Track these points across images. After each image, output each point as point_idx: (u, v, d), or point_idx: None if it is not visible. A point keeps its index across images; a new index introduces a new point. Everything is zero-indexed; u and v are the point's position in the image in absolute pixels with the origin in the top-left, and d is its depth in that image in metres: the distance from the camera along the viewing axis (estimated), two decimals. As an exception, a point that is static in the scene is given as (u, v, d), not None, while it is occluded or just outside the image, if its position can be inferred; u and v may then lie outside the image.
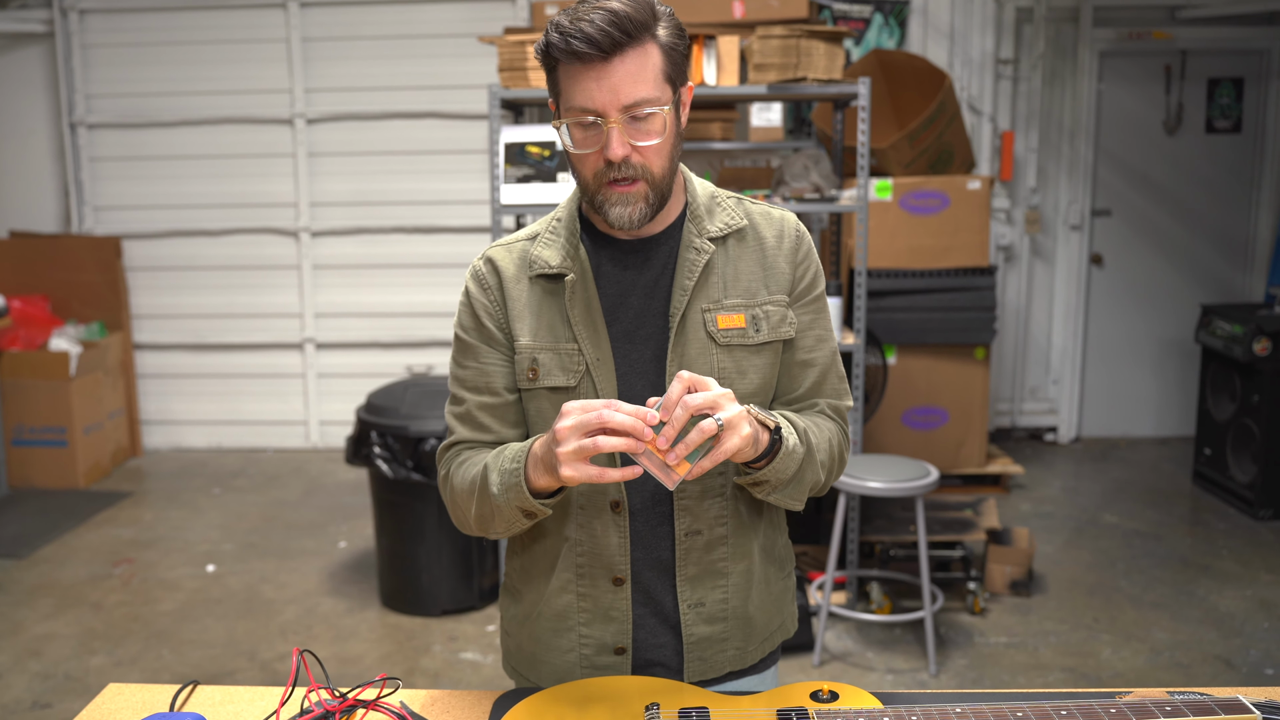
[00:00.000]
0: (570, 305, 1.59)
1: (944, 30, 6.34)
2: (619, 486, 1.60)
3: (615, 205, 1.53)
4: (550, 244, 1.63)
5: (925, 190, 5.20)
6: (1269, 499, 5.32)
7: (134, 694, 1.67)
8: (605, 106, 1.47)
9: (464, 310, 1.66)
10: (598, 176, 1.52)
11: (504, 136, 4.14)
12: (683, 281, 1.60)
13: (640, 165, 1.50)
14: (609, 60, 1.46)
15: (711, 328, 1.60)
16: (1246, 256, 6.69)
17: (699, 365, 1.59)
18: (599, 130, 1.49)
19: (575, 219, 1.64)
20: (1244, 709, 1.39)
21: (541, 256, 1.62)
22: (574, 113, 1.49)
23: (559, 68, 1.50)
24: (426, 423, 4.22)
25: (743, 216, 1.66)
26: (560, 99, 1.52)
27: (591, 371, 1.58)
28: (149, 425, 6.79)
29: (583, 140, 1.51)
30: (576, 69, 1.47)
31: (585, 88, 1.47)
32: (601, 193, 1.53)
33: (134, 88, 6.53)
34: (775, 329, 1.63)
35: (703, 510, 1.62)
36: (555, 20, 1.48)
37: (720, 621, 1.66)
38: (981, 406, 5.43)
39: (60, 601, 4.52)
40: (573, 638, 1.66)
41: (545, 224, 1.67)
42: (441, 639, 4.19)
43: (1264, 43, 6.46)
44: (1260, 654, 3.99)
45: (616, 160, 1.49)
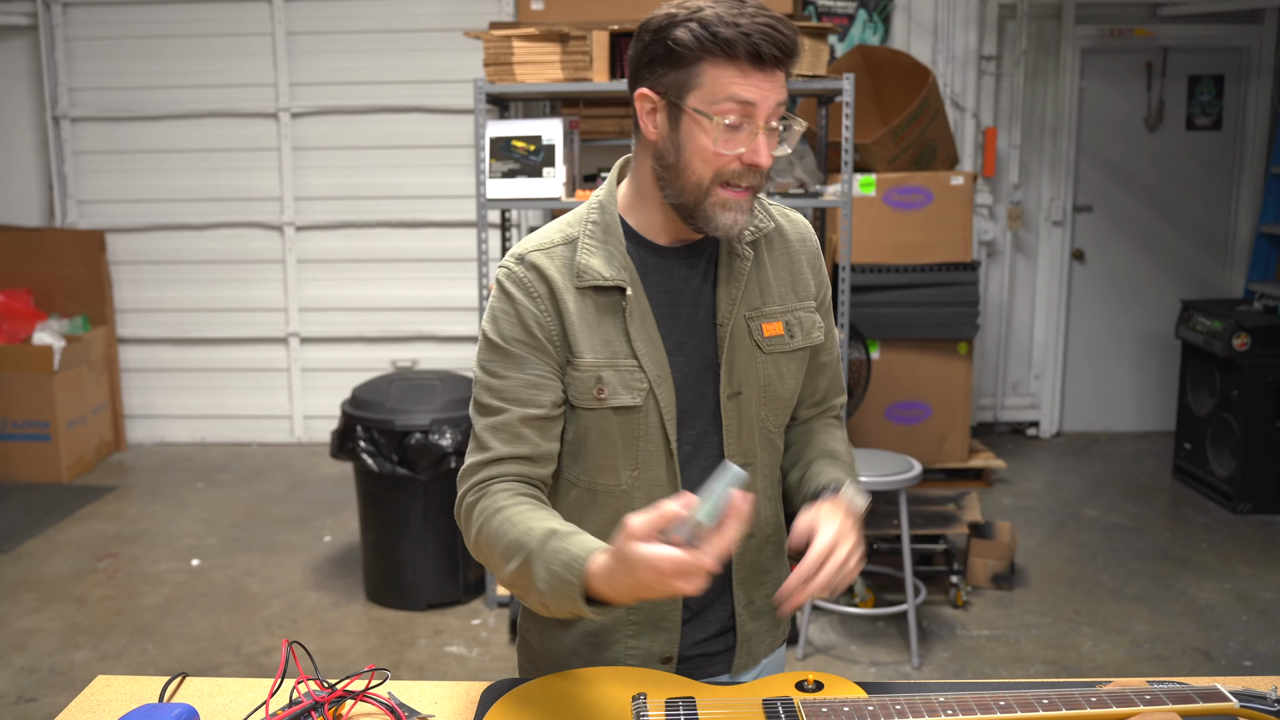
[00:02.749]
0: (629, 321, 1.54)
1: (928, 26, 6.37)
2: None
3: (729, 211, 1.48)
4: (595, 252, 1.55)
5: (909, 186, 5.22)
6: (1248, 493, 5.36)
7: (123, 685, 1.68)
8: (763, 108, 1.44)
9: (507, 318, 1.55)
10: (720, 176, 1.47)
11: (489, 131, 4.15)
12: (730, 290, 1.59)
13: (763, 174, 1.49)
14: (778, 66, 1.44)
15: (758, 335, 1.60)
16: (1226, 252, 6.74)
17: (747, 373, 1.60)
18: (740, 133, 1.44)
19: (618, 224, 1.57)
20: (1222, 697, 1.42)
21: (591, 266, 1.54)
22: (725, 106, 1.43)
23: (705, 62, 1.43)
24: (412, 417, 4.23)
25: (769, 218, 1.66)
26: (696, 92, 1.44)
27: (655, 390, 1.55)
28: (133, 419, 6.77)
29: (727, 140, 1.45)
30: (742, 68, 1.42)
31: (748, 84, 1.43)
32: (713, 195, 1.47)
33: (118, 81, 6.51)
34: (808, 334, 1.66)
35: (756, 514, 1.64)
36: (717, 14, 1.41)
37: (765, 616, 1.71)
38: (964, 401, 5.46)
39: (44, 596, 4.51)
40: (619, 650, 1.64)
41: (579, 227, 1.58)
42: (427, 633, 4.20)
43: (1244, 40, 6.51)
44: (1239, 646, 4.03)
45: (765, 167, 1.46)
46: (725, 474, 1.28)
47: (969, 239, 5.29)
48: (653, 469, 1.57)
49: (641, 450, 1.57)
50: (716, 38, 1.41)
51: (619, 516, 1.54)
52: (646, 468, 1.57)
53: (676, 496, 1.31)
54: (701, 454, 1.60)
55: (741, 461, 1.61)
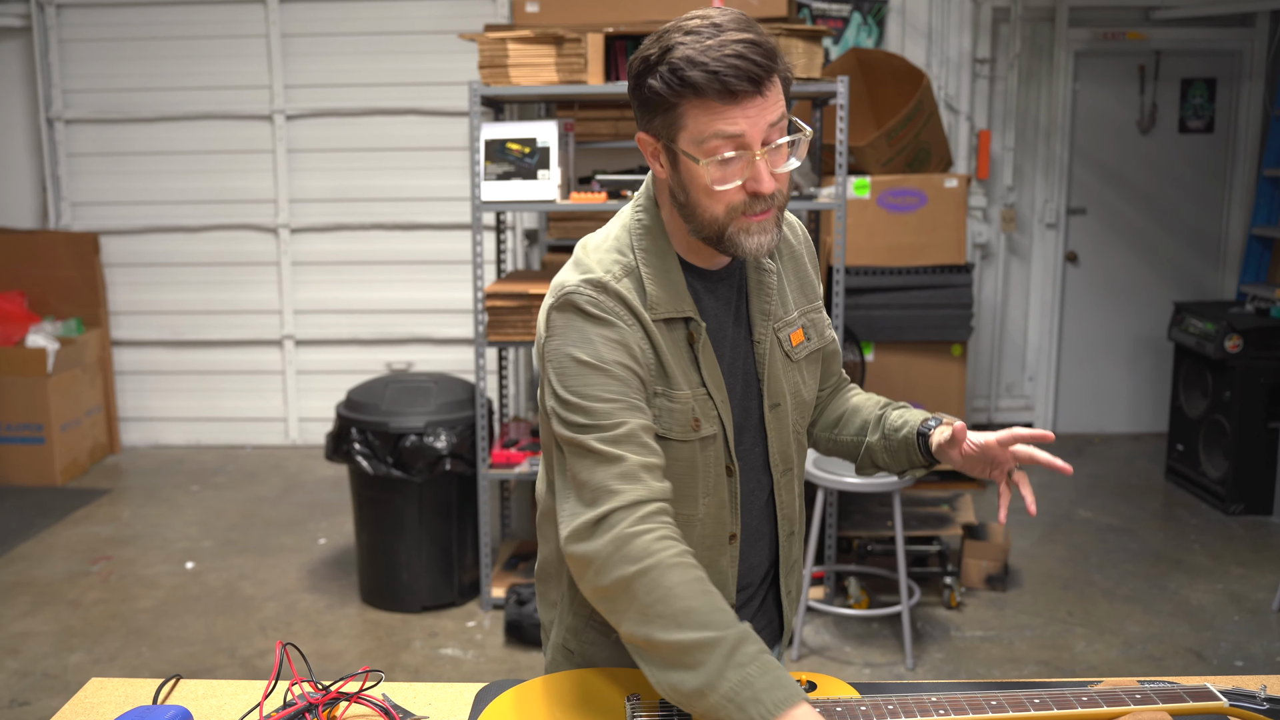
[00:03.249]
0: (701, 352, 1.54)
1: (922, 30, 6.38)
2: (735, 520, 1.62)
3: (753, 235, 1.47)
4: (658, 282, 1.52)
5: (903, 188, 5.23)
6: (1240, 494, 5.38)
7: (116, 688, 1.68)
8: (753, 134, 1.41)
9: (606, 342, 1.47)
10: (732, 210, 1.45)
11: (484, 133, 4.15)
12: (762, 306, 1.60)
13: (778, 192, 1.47)
14: (756, 93, 1.40)
15: (787, 346, 1.63)
16: (1219, 255, 6.76)
17: (782, 384, 1.62)
18: (739, 163, 1.42)
19: (670, 250, 1.55)
20: (1212, 696, 1.43)
21: (663, 299, 1.51)
22: (713, 144, 1.41)
23: (685, 104, 1.41)
24: (407, 419, 4.23)
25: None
26: (684, 133, 1.43)
27: (720, 415, 1.56)
28: (127, 422, 6.76)
29: (722, 176, 1.43)
30: (718, 105, 1.40)
31: (731, 117, 1.40)
32: (734, 224, 1.46)
33: (112, 83, 6.51)
34: (821, 335, 1.71)
35: (794, 513, 1.71)
36: (685, 56, 1.39)
37: (797, 601, 1.78)
38: (958, 403, 5.47)
39: (38, 599, 4.51)
40: None
41: (633, 254, 1.54)
42: (422, 635, 4.20)
43: (1236, 44, 6.53)
44: (1230, 646, 4.04)
45: (768, 193, 1.44)
46: None
47: (963, 241, 5.30)
48: (719, 492, 1.59)
49: (712, 476, 1.58)
50: (685, 82, 1.39)
51: (691, 541, 1.54)
52: (715, 492, 1.59)
53: None
54: (747, 465, 1.63)
55: (784, 468, 1.66)
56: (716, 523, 1.59)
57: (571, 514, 1.45)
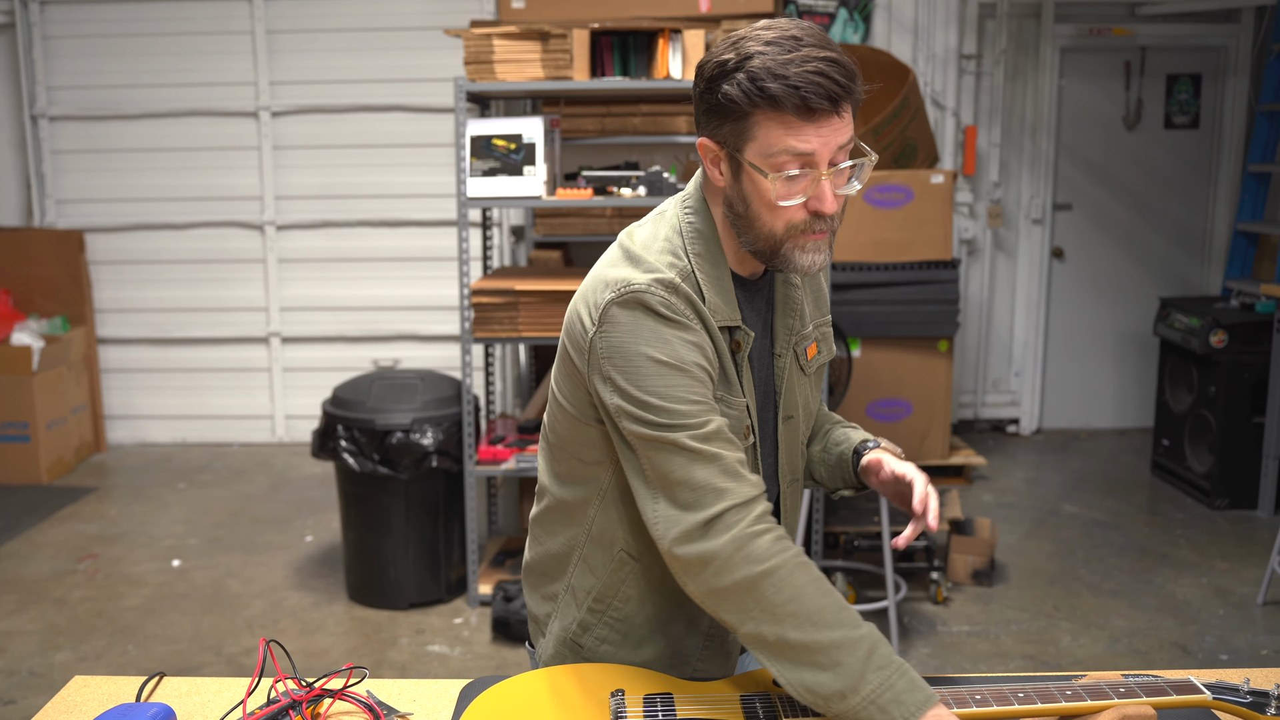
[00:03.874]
0: (744, 362, 1.54)
1: (908, 25, 6.39)
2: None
3: (809, 253, 1.46)
4: (713, 288, 1.51)
5: (889, 184, 5.24)
6: (1225, 489, 5.40)
7: (99, 686, 1.67)
8: (822, 154, 1.40)
9: (682, 343, 1.45)
10: (791, 229, 1.44)
11: (470, 129, 4.14)
12: (787, 320, 1.61)
13: (836, 215, 1.46)
14: (833, 113, 1.39)
15: (803, 360, 1.64)
16: (1204, 250, 6.78)
17: (798, 398, 1.64)
18: (804, 180, 1.41)
19: (722, 258, 1.53)
20: (1195, 689, 1.43)
21: (721, 307, 1.50)
22: (781, 159, 1.40)
23: (758, 114, 1.39)
24: (393, 416, 4.22)
25: None
26: (753, 144, 1.41)
27: (754, 424, 1.57)
28: (113, 420, 6.74)
29: (787, 192, 1.42)
30: (793, 120, 1.38)
31: (804, 135, 1.38)
32: (792, 241, 1.45)
33: (97, 80, 6.48)
34: (830, 348, 1.72)
35: (796, 523, 1.72)
36: (765, 67, 1.37)
37: None
38: (945, 399, 5.48)
39: (24, 597, 4.49)
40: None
41: (684, 259, 1.51)
42: (409, 632, 4.19)
43: (1221, 40, 6.55)
44: (1215, 640, 4.06)
45: (831, 213, 1.43)
46: None
47: (949, 237, 5.31)
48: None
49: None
50: (764, 93, 1.37)
51: None
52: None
53: None
54: (765, 475, 1.64)
55: (792, 478, 1.67)
56: None
57: (670, 516, 1.43)
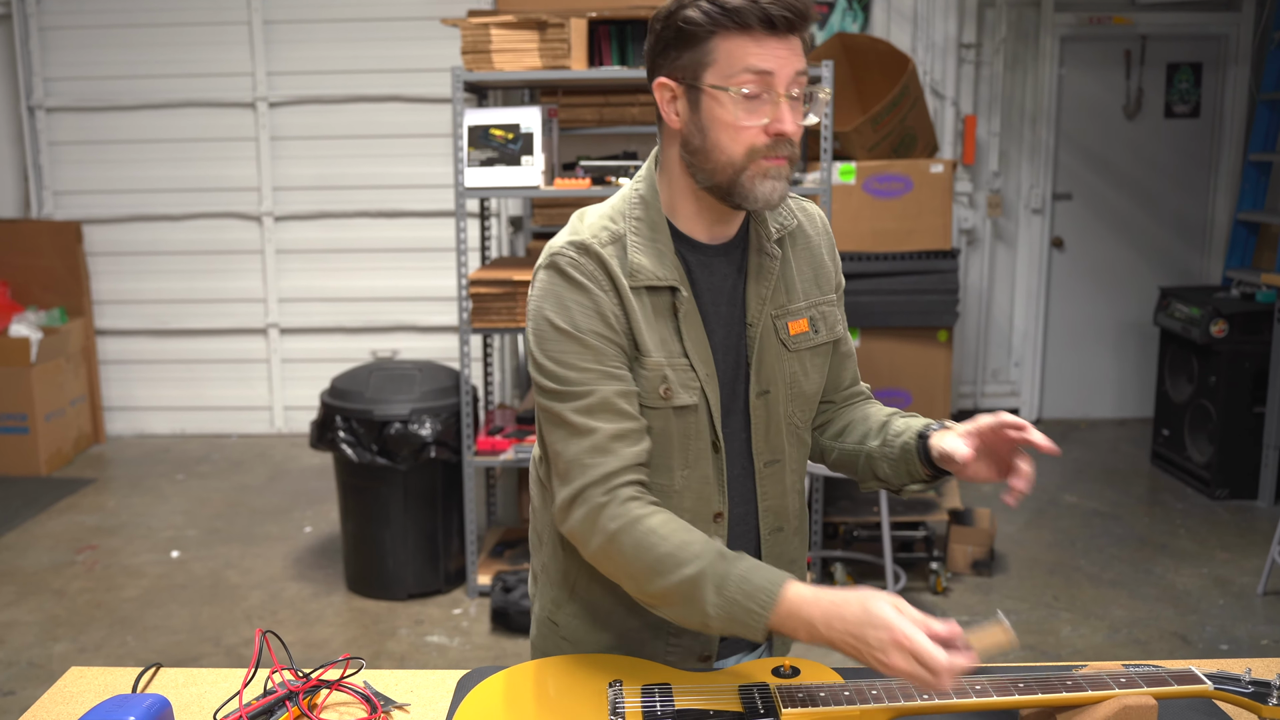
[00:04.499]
0: (683, 321, 1.53)
1: (907, 14, 6.37)
2: (722, 498, 1.59)
3: (768, 179, 1.46)
4: (644, 250, 1.52)
5: (888, 174, 5.22)
6: (1225, 479, 5.40)
7: (96, 677, 1.67)
8: (781, 74, 1.43)
9: (581, 309, 1.49)
10: (752, 153, 1.45)
11: (467, 119, 4.13)
12: (759, 290, 1.58)
13: (794, 144, 1.48)
14: (793, 32, 1.43)
15: (784, 335, 1.60)
16: (1204, 240, 6.77)
17: (775, 372, 1.60)
18: (764, 104, 1.43)
19: (663, 221, 1.55)
20: (1196, 680, 1.42)
21: (644, 266, 1.51)
22: (742, 77, 1.42)
23: (718, 37, 1.42)
24: (391, 407, 4.21)
25: (791, 214, 1.65)
26: (712, 69, 1.43)
27: (704, 388, 1.55)
28: (111, 411, 6.73)
29: (747, 112, 1.43)
30: (758, 37, 1.41)
31: (762, 53, 1.41)
32: (752, 167, 1.45)
33: (94, 71, 6.46)
34: (831, 329, 1.66)
35: (783, 509, 1.66)
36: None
37: None
38: (944, 389, 5.47)
39: (23, 589, 4.48)
40: (659, 646, 1.62)
41: (624, 223, 1.54)
42: (407, 622, 4.19)
43: (1222, 28, 6.53)
44: (1215, 630, 4.06)
45: (790, 134, 1.45)
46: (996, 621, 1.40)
47: (949, 227, 5.30)
48: (701, 467, 1.57)
49: (692, 449, 1.56)
50: (725, 9, 1.41)
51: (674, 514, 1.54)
52: (696, 466, 1.57)
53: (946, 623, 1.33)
54: (735, 451, 1.60)
55: (770, 458, 1.63)
56: (699, 498, 1.57)
57: (555, 493, 1.52)
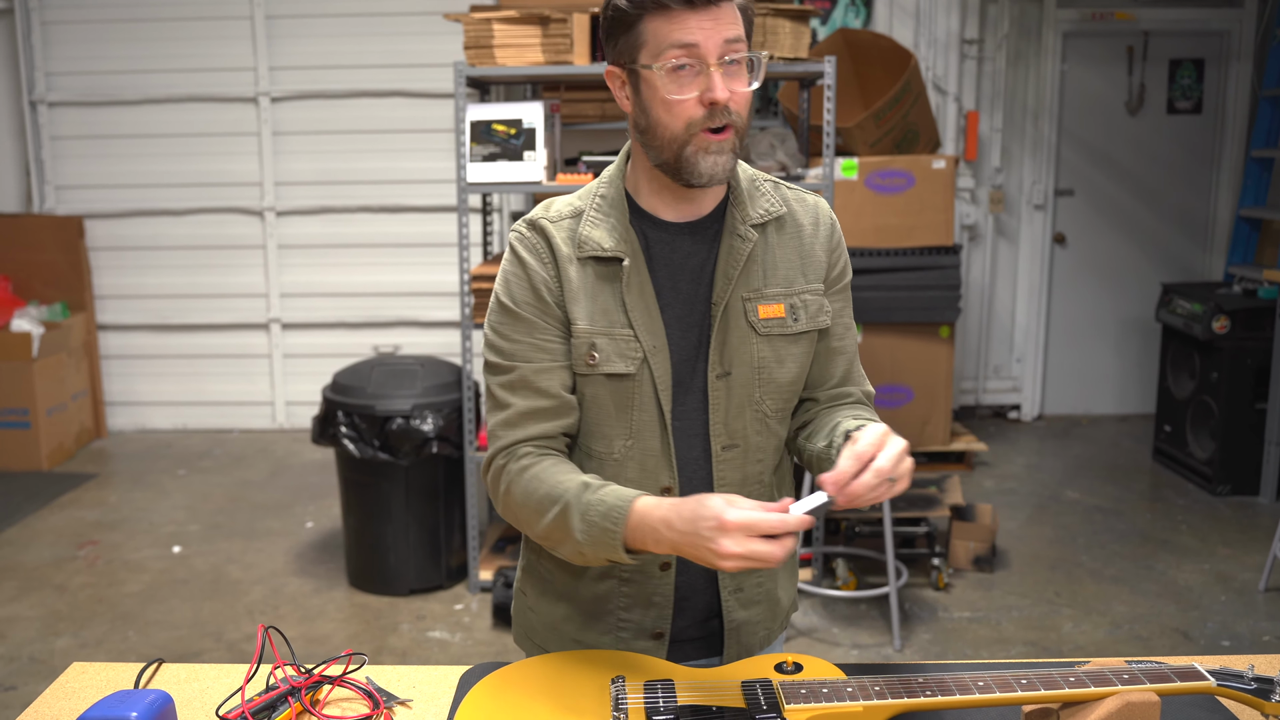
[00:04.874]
0: (627, 291, 1.55)
1: (909, 10, 6.36)
2: (671, 473, 1.59)
3: (710, 154, 1.49)
4: (599, 224, 1.58)
5: (891, 169, 5.22)
6: (1227, 475, 5.39)
7: (98, 673, 1.67)
8: (708, 45, 1.45)
9: (518, 282, 1.59)
10: (691, 126, 1.48)
11: (470, 115, 4.13)
12: (727, 270, 1.58)
13: (735, 113, 1.49)
14: (715, 3, 1.46)
15: (753, 317, 1.59)
16: (1206, 236, 6.77)
17: (739, 354, 1.59)
18: (694, 76, 1.47)
19: (623, 198, 1.60)
20: (1199, 676, 1.42)
21: (592, 237, 1.56)
22: (670, 53, 1.46)
23: (646, 18, 1.47)
24: (393, 402, 4.21)
25: (781, 203, 1.65)
26: (644, 49, 1.48)
27: (649, 359, 1.56)
28: (113, 406, 6.73)
29: (678, 87, 1.47)
30: (678, 13, 1.45)
31: (686, 27, 1.45)
32: (694, 143, 1.49)
33: (96, 65, 6.46)
34: (813, 318, 1.64)
35: (748, 491, 1.63)
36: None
37: (756, 605, 1.70)
38: (946, 384, 5.47)
39: (24, 584, 4.49)
40: (611, 621, 1.65)
41: (587, 201, 1.61)
42: (409, 618, 4.19)
43: (1224, 24, 6.52)
44: (1217, 626, 4.06)
45: (722, 101, 1.46)
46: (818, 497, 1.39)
47: (951, 223, 5.29)
48: (646, 439, 1.58)
49: (635, 419, 1.58)
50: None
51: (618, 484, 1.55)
52: (640, 437, 1.58)
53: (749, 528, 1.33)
54: (690, 431, 1.60)
55: (727, 442, 1.61)
56: (643, 470, 1.59)
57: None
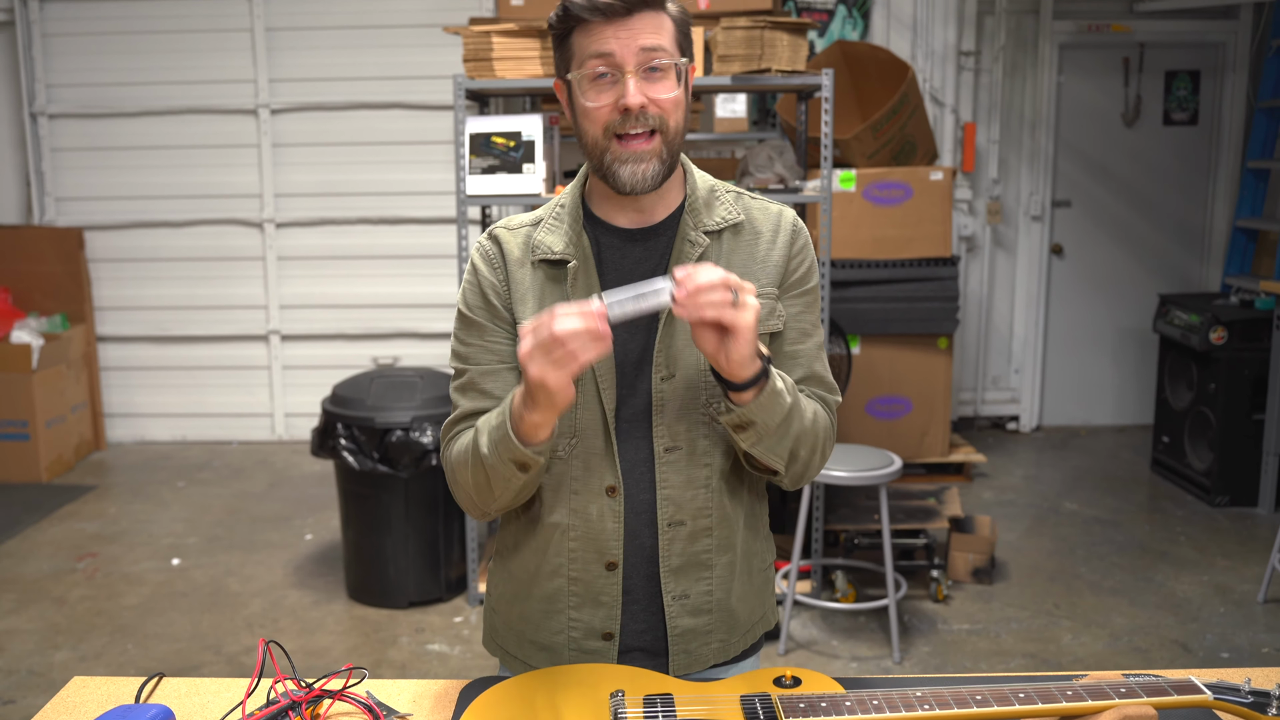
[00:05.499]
0: (572, 292, 1.59)
1: (906, 22, 6.38)
2: (615, 474, 1.60)
3: (627, 163, 1.53)
4: (553, 230, 1.64)
5: (888, 181, 5.23)
6: (1225, 486, 5.40)
7: (99, 687, 1.67)
8: (623, 54, 1.50)
9: (470, 288, 1.67)
10: (608, 130, 1.52)
11: (469, 127, 4.14)
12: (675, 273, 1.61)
13: (657, 117, 1.52)
14: (630, 15, 1.50)
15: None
16: (1203, 247, 6.78)
17: (685, 357, 1.60)
18: (613, 84, 1.51)
19: (579, 206, 1.65)
20: (1196, 689, 1.43)
21: (544, 242, 1.63)
22: (589, 63, 1.51)
23: (574, 32, 1.53)
24: (392, 414, 4.22)
25: (740, 212, 1.66)
26: (573, 61, 1.54)
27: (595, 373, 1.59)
28: (112, 418, 6.74)
29: (596, 95, 1.52)
30: (595, 26, 1.50)
31: (603, 37, 1.50)
32: (611, 150, 1.53)
33: (96, 77, 6.47)
34: (764, 321, 1.63)
35: (686, 501, 1.62)
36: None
37: (705, 614, 1.67)
38: (944, 396, 5.48)
39: (23, 596, 4.49)
40: (562, 620, 1.67)
41: (548, 210, 1.68)
42: (408, 630, 4.19)
43: (1220, 36, 6.54)
44: (1216, 638, 4.06)
45: (634, 108, 1.50)
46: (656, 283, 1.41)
47: (948, 234, 5.31)
48: (589, 438, 1.61)
49: (579, 418, 1.61)
50: (568, 9, 1.52)
51: (563, 483, 1.62)
52: (584, 436, 1.61)
53: (551, 312, 1.38)
54: (636, 433, 1.61)
55: (670, 444, 1.61)
56: (587, 469, 1.61)
57: None
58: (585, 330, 1.36)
